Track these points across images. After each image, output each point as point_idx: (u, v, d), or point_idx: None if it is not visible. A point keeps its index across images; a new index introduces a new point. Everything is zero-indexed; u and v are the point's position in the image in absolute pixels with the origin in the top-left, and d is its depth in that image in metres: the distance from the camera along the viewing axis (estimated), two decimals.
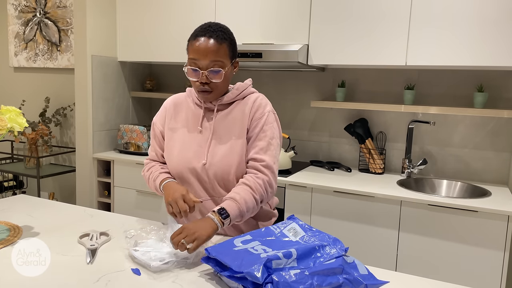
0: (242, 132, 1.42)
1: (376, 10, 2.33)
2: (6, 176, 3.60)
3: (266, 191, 1.38)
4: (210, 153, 1.41)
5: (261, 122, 1.41)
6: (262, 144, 1.40)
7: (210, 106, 1.45)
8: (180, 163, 1.44)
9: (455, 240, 2.06)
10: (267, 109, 1.44)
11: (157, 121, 1.54)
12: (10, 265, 1.14)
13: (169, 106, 1.53)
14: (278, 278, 0.96)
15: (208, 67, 1.34)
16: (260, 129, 1.41)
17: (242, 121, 1.42)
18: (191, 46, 1.36)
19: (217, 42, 1.34)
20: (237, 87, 1.46)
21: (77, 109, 3.05)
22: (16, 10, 3.82)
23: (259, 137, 1.41)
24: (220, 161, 1.40)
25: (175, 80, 3.45)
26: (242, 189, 1.34)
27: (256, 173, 1.38)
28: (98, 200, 3.09)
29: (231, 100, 1.45)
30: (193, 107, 1.49)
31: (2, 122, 1.25)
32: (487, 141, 2.51)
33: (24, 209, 1.63)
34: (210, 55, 1.33)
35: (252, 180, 1.36)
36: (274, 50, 2.46)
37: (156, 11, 2.95)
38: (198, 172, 1.42)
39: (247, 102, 1.45)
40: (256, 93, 1.49)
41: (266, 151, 1.40)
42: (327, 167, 2.74)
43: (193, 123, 1.47)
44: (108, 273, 1.11)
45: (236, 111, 1.44)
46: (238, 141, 1.41)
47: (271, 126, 1.42)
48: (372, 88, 2.77)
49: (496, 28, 2.10)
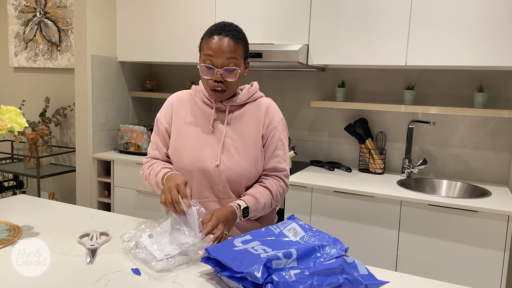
0: (257, 138, 1.43)
1: (376, 10, 2.33)
2: (6, 176, 3.60)
3: (281, 198, 1.48)
4: (223, 155, 1.40)
5: (279, 131, 1.46)
6: (282, 154, 1.46)
7: (221, 106, 1.43)
8: (192, 163, 1.41)
9: (455, 240, 2.06)
10: (281, 116, 1.48)
11: (161, 117, 1.50)
12: (10, 265, 1.14)
13: (175, 103, 1.49)
14: (278, 278, 0.96)
15: (223, 65, 1.33)
16: (278, 138, 1.45)
17: (256, 126, 1.43)
18: (206, 43, 1.35)
19: (233, 41, 1.34)
20: (248, 90, 1.46)
21: (77, 109, 3.05)
22: (16, 10, 3.82)
23: (278, 146, 1.45)
24: (235, 165, 1.39)
25: (175, 80, 3.45)
26: (265, 193, 1.41)
27: (280, 181, 1.46)
28: (98, 200, 3.09)
29: (243, 102, 1.45)
30: (202, 106, 1.46)
31: (2, 122, 1.25)
32: (487, 141, 2.51)
33: (24, 209, 1.63)
34: (226, 53, 1.32)
35: (275, 188, 1.44)
36: (274, 50, 2.46)
37: (156, 11, 2.95)
38: (210, 173, 1.40)
39: (259, 106, 1.45)
40: (264, 97, 1.51)
41: (285, 160, 1.48)
42: (327, 167, 2.74)
43: (203, 122, 1.44)
44: (108, 273, 1.11)
45: (249, 115, 1.44)
46: (253, 147, 1.42)
47: (285, 134, 1.50)
48: (372, 88, 2.77)
49: (496, 28, 2.10)
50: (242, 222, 1.46)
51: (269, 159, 1.45)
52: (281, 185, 1.46)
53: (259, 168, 1.45)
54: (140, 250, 1.19)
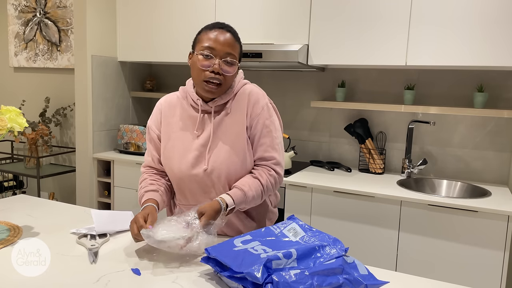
0: (241, 129, 1.39)
1: (376, 10, 2.33)
2: (6, 176, 3.60)
3: (274, 188, 1.42)
4: (211, 157, 1.38)
5: (262, 117, 1.39)
6: (269, 141, 1.40)
7: (207, 108, 1.40)
8: (181, 171, 1.40)
9: (455, 240, 2.06)
10: (265, 101, 1.41)
11: (152, 124, 1.49)
12: (10, 265, 1.14)
13: (163, 108, 1.48)
14: (278, 278, 0.96)
15: (223, 57, 1.33)
16: (262, 125, 1.39)
17: (240, 118, 1.39)
18: (206, 34, 1.34)
19: (234, 37, 1.36)
20: (232, 87, 1.43)
21: (77, 109, 3.05)
22: (16, 10, 3.82)
23: (263, 133, 1.39)
24: (223, 163, 1.37)
25: (175, 80, 3.45)
26: (255, 184, 1.36)
27: (270, 170, 1.40)
28: (98, 200, 3.09)
29: (226, 100, 1.41)
30: (188, 110, 1.44)
31: (2, 122, 1.25)
32: (487, 141, 2.51)
33: (24, 209, 1.63)
34: (227, 47, 1.33)
35: (265, 178, 1.38)
36: (274, 50, 2.46)
37: (156, 11, 2.95)
38: (200, 178, 1.38)
39: (242, 96, 1.41)
40: (248, 84, 1.45)
41: (273, 147, 1.40)
42: (327, 167, 2.74)
43: (190, 126, 1.42)
44: (108, 273, 1.11)
45: (232, 109, 1.40)
46: (239, 139, 1.38)
47: (272, 119, 1.42)
48: (372, 88, 2.77)
49: (497, 28, 2.10)
50: (241, 222, 1.46)
51: (256, 148, 1.41)
52: (271, 174, 1.39)
53: (249, 162, 1.40)
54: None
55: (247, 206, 1.37)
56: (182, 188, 1.44)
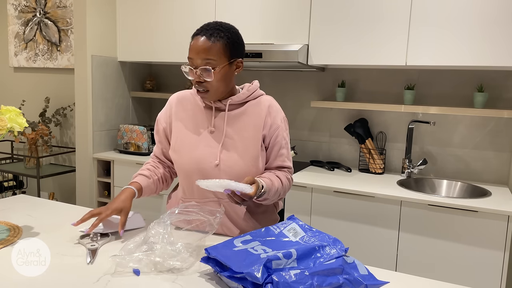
0: (257, 136, 1.41)
1: (376, 10, 2.33)
2: (6, 176, 3.60)
3: (286, 192, 1.50)
4: (223, 154, 1.40)
5: (282, 130, 1.47)
6: (286, 153, 1.48)
7: (221, 105, 1.43)
8: (190, 163, 1.42)
9: (455, 240, 2.06)
10: (282, 115, 1.49)
11: (161, 117, 1.53)
12: (10, 265, 1.14)
13: (174, 103, 1.51)
14: (278, 278, 0.96)
15: (199, 65, 1.33)
16: (282, 137, 1.46)
17: (257, 125, 1.42)
18: (190, 44, 1.36)
19: (209, 40, 1.32)
20: (248, 88, 1.46)
21: (77, 109, 3.05)
22: (16, 10, 3.82)
23: (282, 145, 1.47)
24: (235, 164, 1.39)
25: (175, 80, 3.45)
26: (278, 180, 1.42)
27: (287, 174, 1.49)
28: (98, 200, 3.09)
29: (242, 100, 1.43)
30: (202, 106, 1.47)
31: (2, 122, 1.25)
32: (487, 141, 2.51)
33: (24, 209, 1.63)
34: (201, 53, 1.32)
35: (284, 178, 1.45)
36: (274, 50, 2.46)
37: (156, 11, 2.95)
38: (209, 173, 1.40)
39: (259, 105, 1.45)
40: (265, 95, 1.50)
41: (289, 158, 1.50)
42: (327, 167, 2.75)
43: (202, 122, 1.45)
44: (108, 273, 1.11)
45: (249, 113, 1.43)
46: (253, 146, 1.41)
47: (287, 132, 1.51)
48: (372, 88, 2.77)
49: (496, 28, 2.10)
50: (242, 222, 1.46)
51: (275, 158, 1.47)
52: (288, 177, 1.48)
53: (260, 167, 1.44)
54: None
55: (269, 198, 1.39)
56: (190, 182, 1.44)
